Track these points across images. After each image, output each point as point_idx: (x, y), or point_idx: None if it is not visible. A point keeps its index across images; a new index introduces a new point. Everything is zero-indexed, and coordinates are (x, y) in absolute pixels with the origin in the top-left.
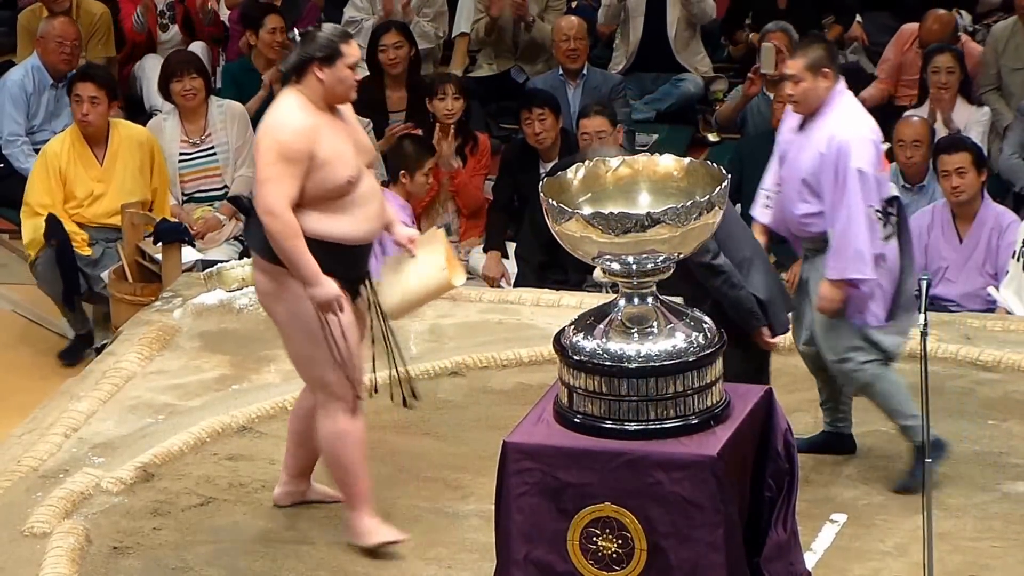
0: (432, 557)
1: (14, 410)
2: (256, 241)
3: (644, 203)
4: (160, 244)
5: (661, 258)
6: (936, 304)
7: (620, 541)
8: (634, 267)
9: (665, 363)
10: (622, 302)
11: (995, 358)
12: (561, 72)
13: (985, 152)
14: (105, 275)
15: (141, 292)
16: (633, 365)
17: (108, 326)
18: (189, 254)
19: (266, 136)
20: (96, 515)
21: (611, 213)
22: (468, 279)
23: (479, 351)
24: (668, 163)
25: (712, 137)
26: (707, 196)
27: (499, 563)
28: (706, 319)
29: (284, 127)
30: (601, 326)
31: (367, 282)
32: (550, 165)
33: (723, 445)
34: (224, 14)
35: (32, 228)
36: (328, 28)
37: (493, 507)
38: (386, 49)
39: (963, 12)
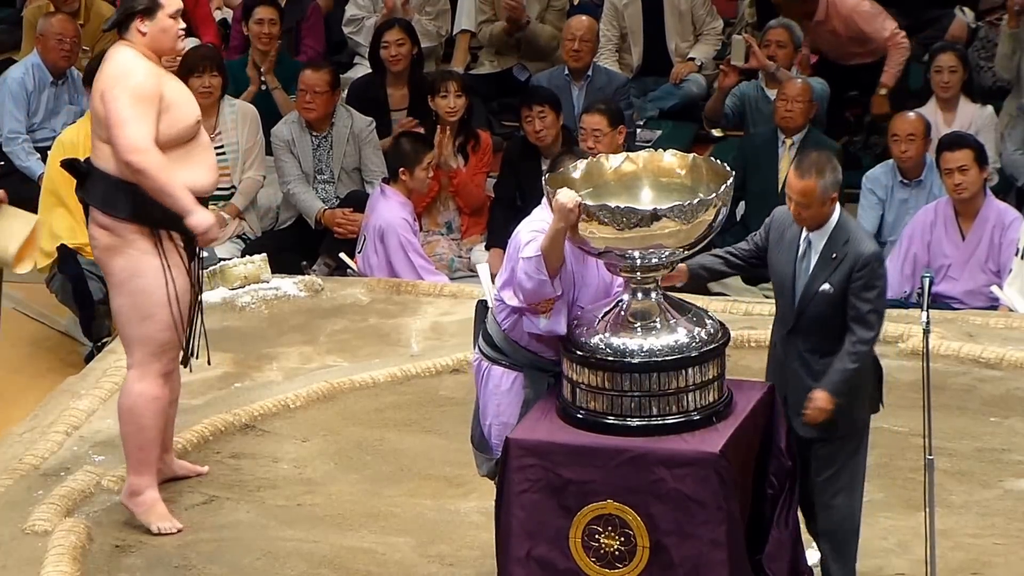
0: (434, 554)
1: (15, 408)
2: (97, 196)
3: (646, 199)
4: None
5: (666, 253)
6: (939, 301)
7: (622, 538)
8: (639, 262)
9: (667, 358)
10: (626, 297)
11: (997, 355)
12: (567, 71)
13: (992, 149)
14: None
15: None
16: (636, 360)
17: (109, 322)
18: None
19: (114, 84)
20: (98, 513)
21: (617, 207)
22: (470, 276)
23: None
24: (671, 159)
25: (716, 133)
26: (714, 193)
27: (500, 561)
28: (710, 316)
29: (132, 72)
30: (605, 321)
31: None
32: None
33: (725, 442)
34: (227, 13)
35: (49, 230)
36: None
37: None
38: (388, 46)
39: (966, 9)
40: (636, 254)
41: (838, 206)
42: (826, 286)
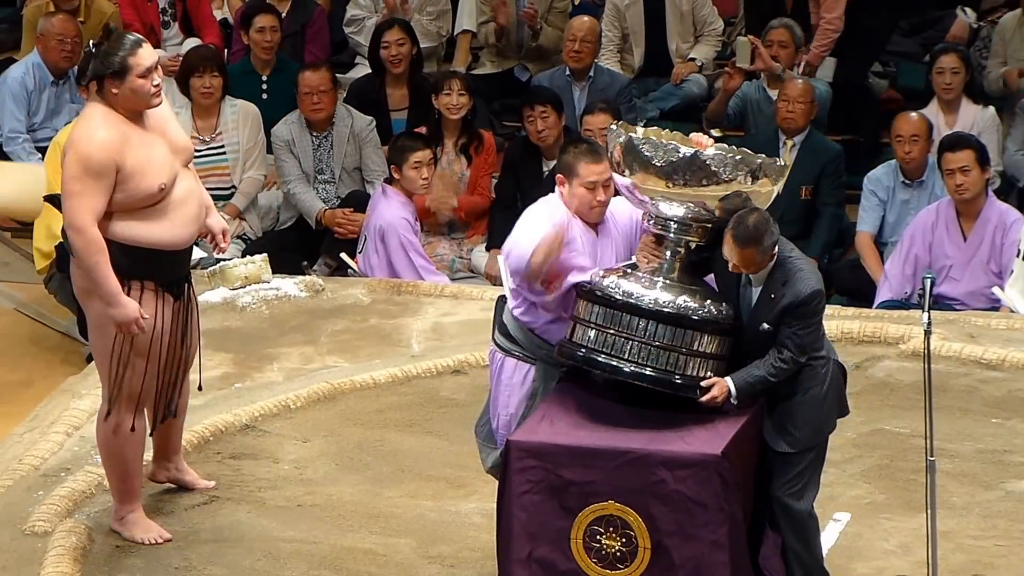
0: (435, 556)
1: (15, 408)
2: (69, 242)
3: None
4: None
5: (698, 212)
6: (940, 302)
7: (624, 539)
8: (675, 216)
9: (667, 311)
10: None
11: (999, 356)
12: (568, 71)
13: (994, 150)
14: None
15: None
16: (640, 304)
17: None
18: (193, 252)
19: (71, 150)
20: (98, 514)
21: (660, 141)
22: (471, 277)
23: (482, 349)
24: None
25: (715, 132)
26: (758, 160)
27: (501, 562)
28: (727, 303)
29: (88, 141)
30: (625, 268)
31: (189, 282)
32: (552, 163)
33: (727, 444)
34: (227, 13)
35: (46, 230)
36: (118, 40)
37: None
38: (388, 46)
39: (967, 9)
40: (673, 205)
41: (776, 250)
42: (765, 325)
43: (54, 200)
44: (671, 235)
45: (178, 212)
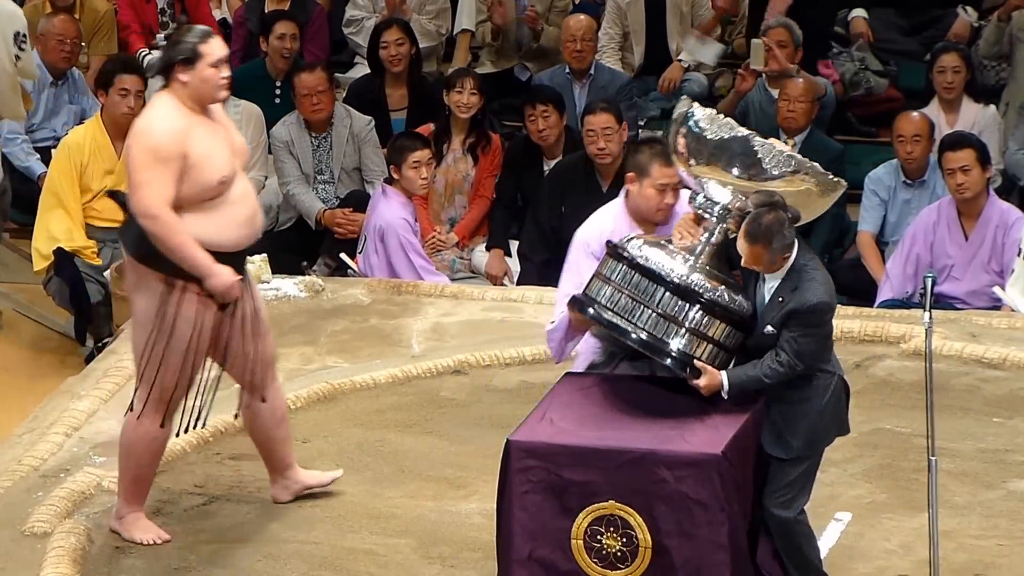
0: (435, 556)
1: (15, 409)
2: (128, 238)
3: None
4: None
5: (739, 201)
6: (941, 301)
7: (624, 539)
8: (718, 199)
9: (678, 282)
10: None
11: (1001, 355)
12: (568, 70)
13: (995, 149)
14: (107, 273)
15: None
16: (656, 271)
17: (110, 323)
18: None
19: (138, 140)
20: (98, 515)
21: (718, 115)
22: (471, 277)
23: (482, 349)
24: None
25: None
26: (810, 162)
27: (501, 562)
28: (745, 298)
29: (155, 130)
30: (658, 238)
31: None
32: (553, 162)
33: (728, 444)
34: (226, 13)
35: (46, 231)
36: (189, 30)
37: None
38: (388, 46)
39: (969, 8)
40: (721, 190)
41: (793, 255)
42: (769, 328)
43: (118, 197)
44: (712, 218)
45: (232, 211)
